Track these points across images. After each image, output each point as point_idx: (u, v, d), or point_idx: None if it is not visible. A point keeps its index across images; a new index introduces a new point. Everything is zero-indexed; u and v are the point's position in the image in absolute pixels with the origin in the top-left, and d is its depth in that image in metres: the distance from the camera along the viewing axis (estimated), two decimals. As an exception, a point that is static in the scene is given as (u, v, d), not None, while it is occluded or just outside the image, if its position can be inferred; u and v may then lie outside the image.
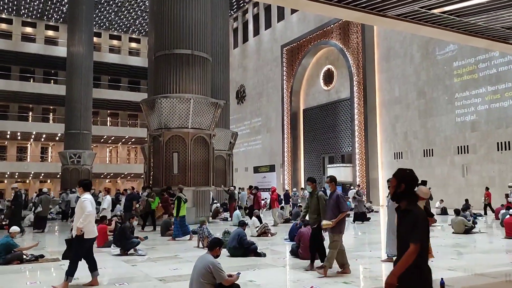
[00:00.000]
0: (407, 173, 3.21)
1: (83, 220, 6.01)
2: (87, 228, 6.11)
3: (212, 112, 17.41)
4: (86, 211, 6.02)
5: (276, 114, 37.12)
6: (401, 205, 3.17)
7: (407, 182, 3.16)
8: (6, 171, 43.23)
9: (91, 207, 6.08)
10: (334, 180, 7.13)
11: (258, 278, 6.57)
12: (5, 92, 41.16)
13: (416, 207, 3.12)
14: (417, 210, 3.10)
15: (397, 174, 3.21)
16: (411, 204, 3.13)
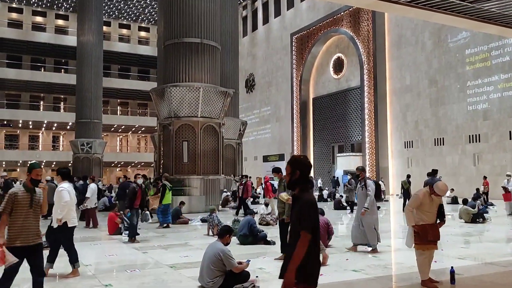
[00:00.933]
0: (302, 160, 3.12)
1: (60, 210, 5.94)
2: (68, 216, 6.00)
3: (221, 101, 17.40)
4: (63, 201, 5.92)
5: (286, 103, 36.99)
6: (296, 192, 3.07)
7: (301, 168, 3.06)
8: (18, 160, 43.81)
9: (68, 197, 5.95)
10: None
11: (267, 266, 6.62)
12: (16, 81, 41.54)
13: (306, 194, 3.01)
14: (306, 197, 2.98)
15: (292, 162, 3.11)
16: (302, 191, 3.02)
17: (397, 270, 6.61)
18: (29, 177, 4.44)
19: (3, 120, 42.31)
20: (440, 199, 5.52)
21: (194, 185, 16.58)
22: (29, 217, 4.34)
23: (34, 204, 4.37)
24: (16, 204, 4.27)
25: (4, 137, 45.56)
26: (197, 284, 5.44)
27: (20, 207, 4.29)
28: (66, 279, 5.97)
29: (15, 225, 4.28)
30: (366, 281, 5.89)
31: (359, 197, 7.96)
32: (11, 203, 4.27)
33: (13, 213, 4.26)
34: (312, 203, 2.96)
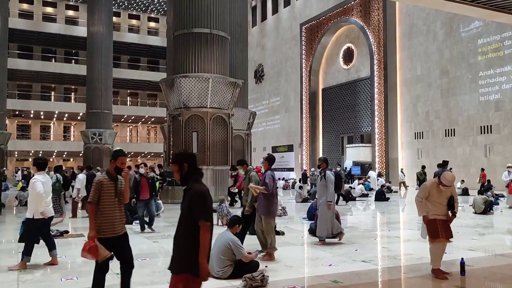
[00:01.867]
0: (184, 153, 3.17)
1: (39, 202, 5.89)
2: (36, 208, 5.94)
3: (230, 91, 17.40)
4: (36, 191, 5.86)
5: (295, 93, 36.86)
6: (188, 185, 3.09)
7: (187, 161, 3.08)
8: (30, 150, 44.33)
9: (42, 187, 5.88)
10: (268, 159, 6.86)
11: (277, 256, 6.66)
12: (28, 72, 41.88)
13: (196, 184, 3.04)
14: (196, 188, 3.02)
15: (175, 158, 3.14)
16: (192, 182, 3.06)
17: (406, 261, 6.61)
18: (113, 165, 4.23)
19: (15, 110, 42.78)
20: (452, 190, 5.48)
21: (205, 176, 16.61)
22: (115, 206, 4.19)
23: (118, 193, 4.21)
24: (102, 193, 4.10)
25: (16, 127, 46.08)
26: (207, 273, 5.49)
27: (106, 196, 4.12)
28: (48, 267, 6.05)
29: (103, 215, 4.10)
30: (375, 272, 5.91)
31: (319, 188, 7.84)
32: (98, 192, 4.09)
33: (100, 203, 4.09)
34: (202, 193, 3.00)
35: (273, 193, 6.53)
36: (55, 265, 6.20)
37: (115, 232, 4.15)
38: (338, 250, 7.11)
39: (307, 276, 5.62)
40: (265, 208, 6.49)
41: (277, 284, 5.05)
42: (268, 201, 6.50)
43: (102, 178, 4.16)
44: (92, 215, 4.09)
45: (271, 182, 6.46)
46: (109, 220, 4.11)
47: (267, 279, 4.98)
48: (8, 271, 5.82)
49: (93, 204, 4.07)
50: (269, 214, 6.52)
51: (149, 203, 9.54)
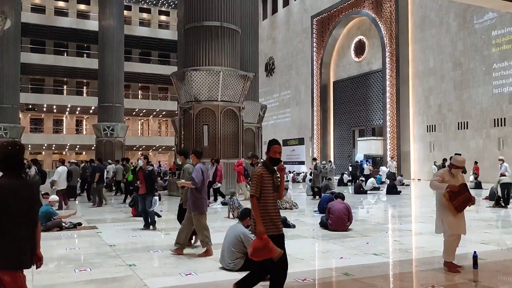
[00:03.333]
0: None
1: None
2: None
3: (241, 84, 17.38)
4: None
5: (306, 86, 36.71)
6: None
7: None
8: (43, 143, 44.88)
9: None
10: (194, 152, 6.76)
11: (288, 249, 6.60)
12: (40, 66, 42.28)
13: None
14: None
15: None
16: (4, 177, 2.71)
17: (418, 254, 6.58)
18: (267, 156, 3.90)
19: (28, 104, 43.27)
20: (462, 177, 5.51)
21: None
22: (275, 201, 3.88)
23: (275, 187, 3.86)
24: (262, 186, 3.77)
25: (29, 121, 46.63)
26: (218, 265, 5.53)
27: (266, 190, 3.79)
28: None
29: (266, 211, 3.77)
30: (386, 265, 5.89)
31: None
32: (260, 185, 3.76)
33: (261, 198, 3.77)
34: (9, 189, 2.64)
35: (201, 188, 6.31)
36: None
37: (278, 230, 3.85)
38: (349, 243, 7.09)
39: (318, 269, 5.62)
40: (192, 203, 6.31)
41: (288, 276, 5.01)
42: (195, 195, 6.29)
43: (262, 170, 3.81)
44: (256, 209, 3.75)
45: (199, 176, 6.23)
46: (271, 216, 3.80)
47: (278, 271, 4.98)
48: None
49: (255, 198, 3.76)
50: (196, 209, 6.28)
51: (146, 198, 8.82)
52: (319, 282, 5.04)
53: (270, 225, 3.77)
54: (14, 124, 28.38)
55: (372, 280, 5.00)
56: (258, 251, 3.67)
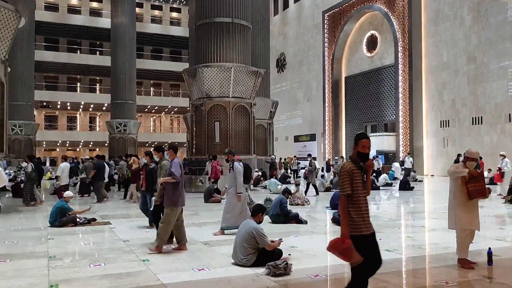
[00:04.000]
0: None
1: None
2: None
3: (252, 80, 17.38)
4: None
5: (317, 82, 36.55)
6: None
7: None
8: (58, 140, 45.44)
9: None
10: (171, 148, 6.72)
11: (300, 244, 6.68)
12: (54, 64, 42.75)
13: None
14: None
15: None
16: None
17: (431, 250, 6.53)
18: (355, 150, 3.64)
19: (42, 101, 43.80)
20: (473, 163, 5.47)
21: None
22: (366, 199, 3.58)
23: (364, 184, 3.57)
24: (353, 184, 3.50)
25: (44, 118, 47.21)
26: (231, 261, 5.56)
27: (357, 187, 3.50)
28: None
29: (357, 209, 3.49)
30: (399, 261, 5.86)
31: (228, 179, 7.88)
32: (350, 181, 3.49)
33: (353, 195, 3.49)
34: None
35: (178, 183, 6.29)
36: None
37: (369, 229, 3.56)
38: (362, 239, 7.06)
39: (330, 265, 5.62)
40: (168, 197, 6.28)
41: (301, 272, 5.07)
42: (172, 190, 6.25)
43: (351, 166, 3.53)
44: (345, 209, 3.50)
45: (179, 170, 6.24)
46: (363, 216, 3.52)
47: (290, 267, 5.00)
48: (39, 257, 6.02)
49: (345, 196, 3.49)
50: (171, 203, 6.26)
51: (146, 195, 8.72)
52: (332, 278, 5.04)
53: (363, 225, 3.50)
54: (29, 121, 28.75)
55: (385, 276, 4.98)
56: (335, 250, 3.50)
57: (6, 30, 10.53)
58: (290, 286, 4.57)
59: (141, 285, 4.61)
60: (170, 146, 6.68)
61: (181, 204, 6.39)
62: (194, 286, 4.61)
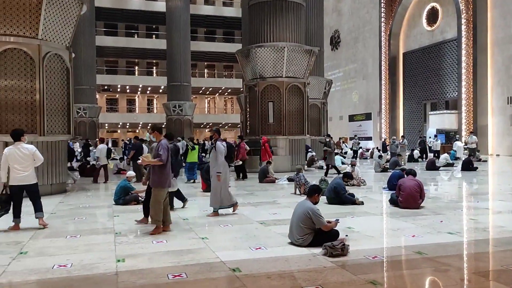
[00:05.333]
0: None
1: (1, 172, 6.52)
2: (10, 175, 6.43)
3: (306, 59, 17.14)
4: (2, 161, 6.53)
5: (373, 59, 35.41)
6: None
7: None
8: (118, 122, 47.50)
9: (5, 157, 6.45)
10: (156, 129, 6.59)
11: (356, 225, 6.61)
12: (114, 48, 44.39)
13: None
14: None
15: None
16: None
17: (496, 233, 6.22)
18: None
19: (104, 85, 45.79)
20: None
21: (280, 145, 16.81)
22: None
23: None
24: None
25: (105, 101, 49.41)
26: (287, 240, 5.61)
27: None
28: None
29: None
30: (461, 244, 5.64)
31: (211, 159, 7.68)
32: None
33: None
34: None
35: (166, 164, 6.31)
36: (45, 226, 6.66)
37: None
38: (422, 221, 6.87)
39: (388, 247, 5.52)
40: (155, 178, 6.29)
41: (358, 253, 5.03)
42: (160, 171, 6.27)
43: None
44: None
45: (166, 153, 6.26)
46: None
47: (347, 248, 4.97)
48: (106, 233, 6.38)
49: None
50: (159, 184, 6.30)
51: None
52: (390, 260, 4.95)
53: None
54: (92, 104, 30.16)
55: (447, 259, 4.82)
56: None
57: (70, 17, 11.03)
58: (347, 267, 4.55)
59: (201, 262, 4.77)
60: (154, 127, 6.60)
61: (169, 185, 6.47)
62: (252, 264, 4.71)
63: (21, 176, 6.49)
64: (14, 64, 10.08)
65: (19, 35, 10.07)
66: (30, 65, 10.21)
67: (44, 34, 10.36)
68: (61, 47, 10.94)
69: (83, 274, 4.41)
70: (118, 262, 4.78)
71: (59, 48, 10.85)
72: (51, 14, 10.42)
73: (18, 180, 6.49)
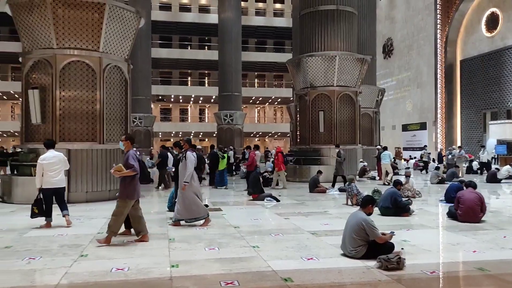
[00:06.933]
0: None
1: (36, 178, 7.36)
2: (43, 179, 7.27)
3: (358, 68, 16.89)
4: (37, 169, 7.34)
5: (428, 67, 34.25)
6: None
7: None
8: (171, 131, 48.91)
9: (41, 166, 7.25)
10: (129, 138, 6.40)
11: (412, 239, 6.37)
12: (168, 60, 45.93)
13: None
14: None
15: None
16: None
17: None
18: None
19: (158, 95, 47.39)
20: None
21: (330, 155, 16.60)
22: None
23: None
24: None
25: (159, 111, 51.06)
26: (340, 251, 5.51)
27: None
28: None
29: None
30: (529, 262, 5.28)
31: (180, 169, 7.41)
32: None
33: None
34: None
35: (136, 175, 6.22)
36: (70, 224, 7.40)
37: None
38: (483, 236, 6.52)
39: (447, 262, 5.27)
40: (123, 189, 6.17)
41: (415, 268, 4.84)
42: (130, 183, 6.16)
43: None
44: None
45: (136, 162, 6.11)
46: None
47: (403, 262, 4.80)
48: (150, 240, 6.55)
49: None
50: (127, 196, 6.16)
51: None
52: (450, 275, 4.73)
53: None
54: (148, 113, 31.25)
55: (510, 277, 4.53)
56: None
57: (128, 30, 11.55)
58: (403, 281, 4.38)
59: (253, 270, 4.78)
60: (128, 137, 6.49)
61: (137, 196, 6.32)
62: (304, 274, 4.65)
63: (54, 180, 7.37)
64: (77, 75, 10.67)
65: (82, 48, 10.67)
66: (91, 77, 10.77)
67: (105, 47, 10.90)
68: (120, 59, 11.46)
69: (140, 278, 4.54)
70: (172, 268, 4.89)
71: (118, 60, 11.37)
72: (112, 28, 10.96)
73: (51, 184, 7.35)
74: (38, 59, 10.69)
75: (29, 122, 10.72)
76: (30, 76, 10.85)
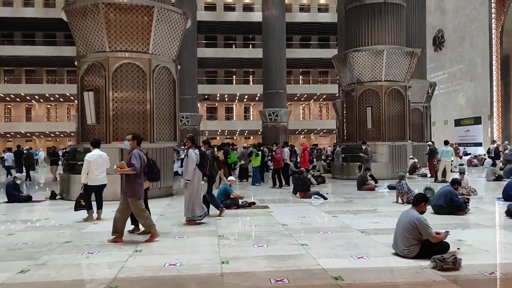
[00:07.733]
0: None
1: (82, 174, 7.93)
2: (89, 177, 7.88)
3: (407, 62, 16.40)
4: (84, 166, 7.87)
5: (482, 59, 32.68)
6: None
7: None
8: (217, 129, 49.61)
9: (88, 164, 7.81)
10: (136, 138, 6.37)
11: (468, 238, 6.12)
12: (213, 59, 46.58)
13: None
14: None
15: None
16: None
17: None
18: None
19: (204, 94, 48.21)
20: None
21: (379, 152, 16.25)
22: None
23: None
24: None
25: (205, 110, 51.92)
26: (391, 250, 5.39)
27: None
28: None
29: None
30: None
31: (184, 167, 7.55)
32: None
33: None
34: None
35: (140, 173, 6.17)
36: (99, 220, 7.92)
37: None
38: (545, 237, 6.16)
39: (508, 263, 5.02)
40: (131, 188, 6.13)
41: (472, 268, 4.65)
42: (133, 181, 6.13)
43: None
44: None
45: (138, 162, 6.12)
46: None
47: (459, 262, 4.62)
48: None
49: None
50: (133, 195, 6.13)
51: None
52: (510, 277, 4.50)
53: None
54: (194, 112, 31.87)
55: None
56: None
57: (176, 31, 11.82)
58: (460, 282, 4.22)
59: (303, 268, 4.77)
60: (133, 136, 6.44)
61: (142, 195, 6.34)
62: (355, 273, 4.59)
63: (100, 177, 8.01)
64: (129, 77, 11.06)
65: (132, 50, 11.05)
66: (142, 78, 11.13)
67: (154, 48, 11.23)
68: (168, 60, 11.76)
69: (191, 274, 4.66)
70: (222, 264, 4.97)
71: (167, 61, 11.68)
72: (160, 30, 11.26)
73: (97, 181, 7.98)
74: (92, 62, 11.18)
75: (85, 123, 11.23)
76: (85, 78, 11.37)
